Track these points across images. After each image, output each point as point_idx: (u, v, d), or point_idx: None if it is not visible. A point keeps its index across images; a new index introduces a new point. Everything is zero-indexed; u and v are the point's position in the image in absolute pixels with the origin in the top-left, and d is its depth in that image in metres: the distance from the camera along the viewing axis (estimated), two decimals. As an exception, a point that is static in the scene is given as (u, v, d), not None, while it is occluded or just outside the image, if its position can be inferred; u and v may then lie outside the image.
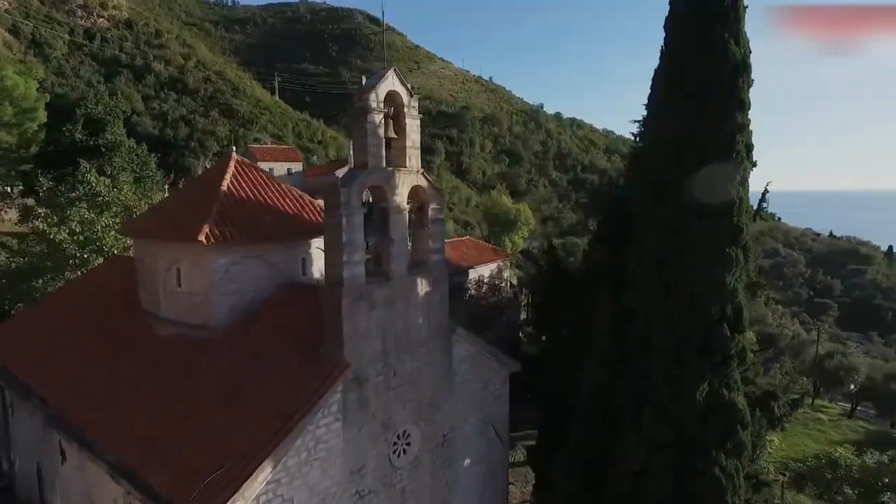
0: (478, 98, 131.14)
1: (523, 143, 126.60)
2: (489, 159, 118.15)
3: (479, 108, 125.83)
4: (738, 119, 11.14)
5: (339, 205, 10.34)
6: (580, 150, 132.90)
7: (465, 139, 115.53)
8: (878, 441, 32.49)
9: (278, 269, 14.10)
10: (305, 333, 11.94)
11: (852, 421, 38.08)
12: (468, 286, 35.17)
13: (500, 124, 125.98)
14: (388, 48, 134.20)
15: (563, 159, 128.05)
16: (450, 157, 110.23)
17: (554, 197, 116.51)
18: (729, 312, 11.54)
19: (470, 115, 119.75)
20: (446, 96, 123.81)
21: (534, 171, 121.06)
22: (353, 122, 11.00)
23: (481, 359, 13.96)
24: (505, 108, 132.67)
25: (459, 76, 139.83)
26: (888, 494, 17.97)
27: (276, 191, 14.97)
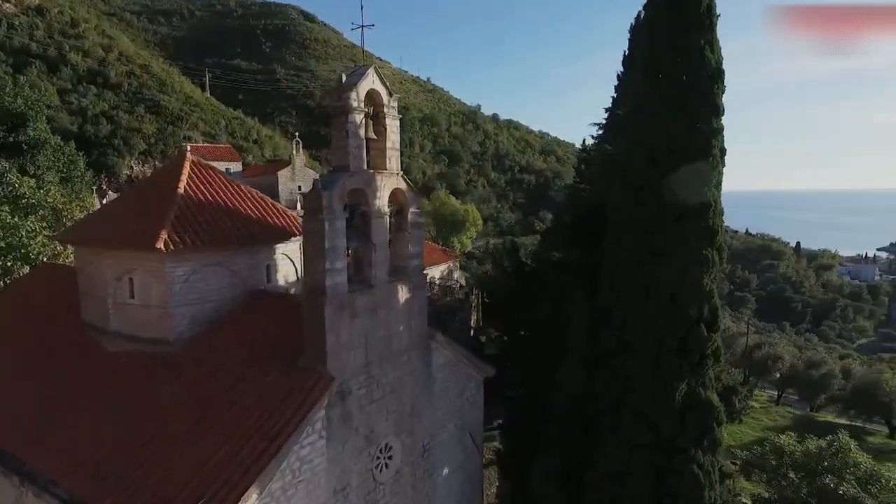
0: (416, 98, 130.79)
1: (462, 143, 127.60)
2: (429, 160, 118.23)
3: (418, 109, 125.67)
4: (713, 123, 11.43)
5: (321, 209, 9.74)
6: (517, 150, 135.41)
7: (405, 139, 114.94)
8: (805, 424, 34.87)
9: (242, 276, 13.23)
10: (279, 345, 11.23)
11: (780, 407, 40.72)
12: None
13: (439, 125, 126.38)
14: (325, 45, 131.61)
15: (500, 160, 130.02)
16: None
17: (493, 197, 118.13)
18: (706, 313, 11.83)
19: (409, 115, 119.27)
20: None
21: (473, 171, 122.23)
22: (333, 121, 10.41)
23: (458, 365, 13.67)
24: (443, 108, 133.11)
25: (398, 76, 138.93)
26: (829, 476, 19.12)
27: (236, 193, 14.05)
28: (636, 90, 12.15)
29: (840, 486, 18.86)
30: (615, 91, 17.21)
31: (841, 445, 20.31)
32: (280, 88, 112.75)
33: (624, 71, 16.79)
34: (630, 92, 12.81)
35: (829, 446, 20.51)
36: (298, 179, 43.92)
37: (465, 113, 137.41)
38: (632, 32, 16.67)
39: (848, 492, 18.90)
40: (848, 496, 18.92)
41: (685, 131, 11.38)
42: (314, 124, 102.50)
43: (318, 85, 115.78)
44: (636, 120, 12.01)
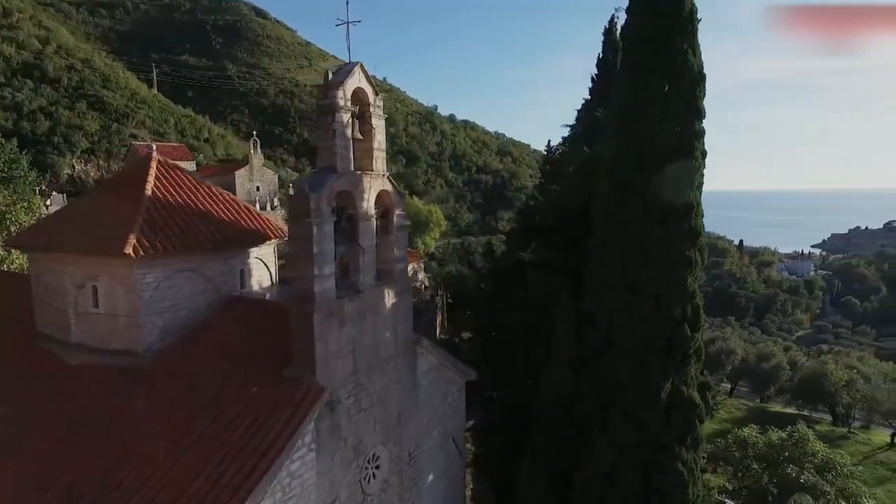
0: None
1: (419, 143, 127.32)
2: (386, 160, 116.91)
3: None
4: (696, 127, 11.62)
5: (309, 212, 9.32)
6: (474, 151, 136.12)
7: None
8: (758, 415, 36.31)
9: (216, 282, 12.61)
10: (260, 355, 10.72)
11: (734, 399, 42.31)
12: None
13: (396, 125, 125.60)
14: (278, 43, 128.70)
15: (458, 160, 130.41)
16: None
17: (450, 197, 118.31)
18: (689, 313, 12.02)
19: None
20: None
21: (430, 171, 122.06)
22: (319, 121, 10.00)
23: (442, 369, 13.44)
24: (400, 108, 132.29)
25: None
26: (790, 466, 19.93)
27: (207, 195, 13.38)
28: (620, 93, 12.22)
29: (801, 475, 19.68)
30: (589, 93, 17.37)
31: (801, 436, 21.21)
32: (232, 86, 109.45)
33: (598, 73, 16.96)
34: (613, 94, 12.86)
35: (789, 437, 21.39)
36: (256, 180, 42.57)
37: (422, 113, 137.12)
38: (605, 36, 16.87)
39: (808, 480, 19.73)
40: (808, 484, 19.75)
41: (670, 134, 11.53)
42: (268, 123, 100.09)
43: (272, 83, 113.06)
44: (621, 122, 12.07)
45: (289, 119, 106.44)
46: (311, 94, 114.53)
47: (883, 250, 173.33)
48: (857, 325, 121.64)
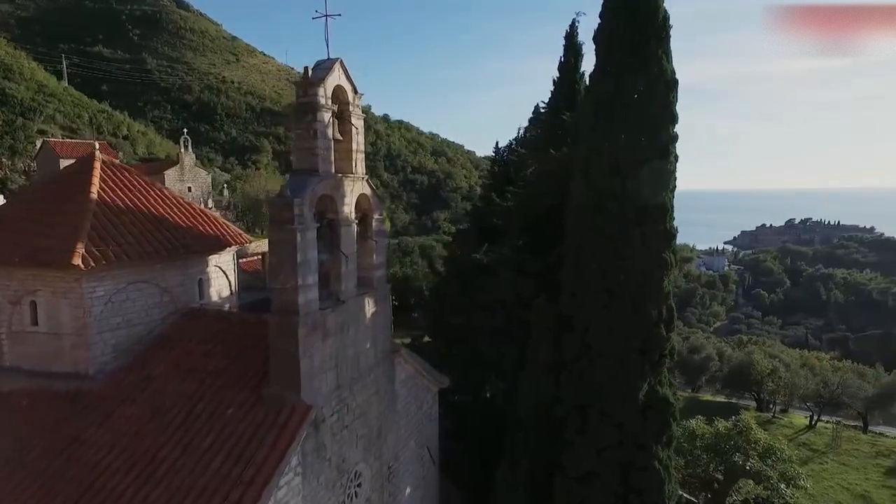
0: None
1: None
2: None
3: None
4: (671, 131, 11.83)
5: (293, 218, 8.65)
6: (409, 151, 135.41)
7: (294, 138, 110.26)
8: (694, 405, 38.20)
9: (173, 294, 11.58)
10: (229, 373, 9.90)
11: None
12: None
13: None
14: (202, 36, 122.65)
15: (392, 160, 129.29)
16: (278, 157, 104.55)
17: (386, 197, 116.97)
18: (664, 314, 12.24)
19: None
20: (270, 93, 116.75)
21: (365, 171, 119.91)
22: (298, 120, 9.32)
23: (417, 378, 13.02)
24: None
25: (284, 72, 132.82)
26: (737, 454, 20.98)
27: (158, 197, 12.28)
28: (594, 95, 12.26)
29: (747, 463, 20.75)
30: (551, 95, 17.44)
31: (744, 425, 22.38)
32: (152, 80, 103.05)
33: (560, 76, 17.05)
34: (585, 97, 12.88)
35: (734, 427, 22.51)
36: (188, 180, 40.00)
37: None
38: (566, 40, 16.99)
39: (753, 466, 20.84)
40: (753, 470, 20.86)
41: (647, 137, 11.67)
42: (193, 121, 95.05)
43: (196, 78, 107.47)
44: (596, 125, 12.10)
45: (215, 117, 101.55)
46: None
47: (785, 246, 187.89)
48: (765, 315, 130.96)
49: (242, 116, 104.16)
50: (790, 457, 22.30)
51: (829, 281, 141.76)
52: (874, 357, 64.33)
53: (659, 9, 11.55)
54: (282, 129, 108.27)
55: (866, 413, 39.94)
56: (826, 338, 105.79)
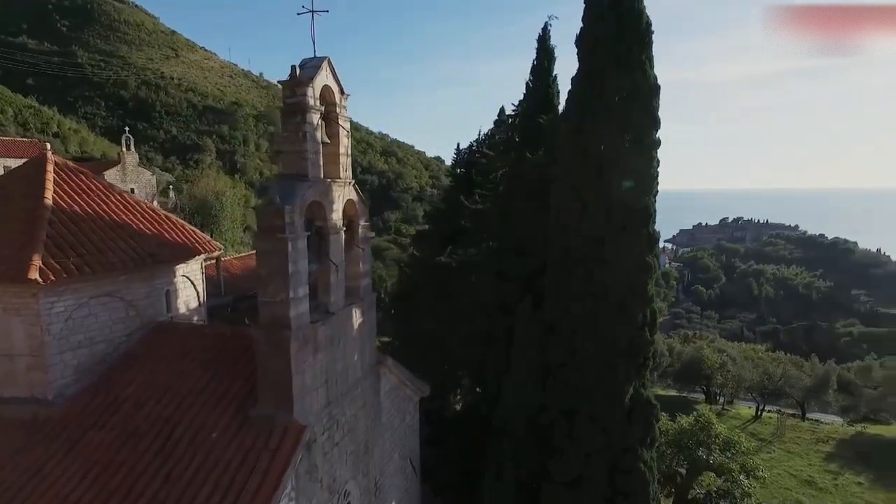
0: (249, 94, 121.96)
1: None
2: (266, 159, 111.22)
3: (252, 105, 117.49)
4: (654, 136, 11.93)
5: (284, 227, 8.09)
6: (359, 151, 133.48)
7: (238, 137, 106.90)
8: (648, 401, 39.34)
9: (139, 307, 10.73)
10: (208, 392, 9.22)
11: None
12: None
13: (276, 123, 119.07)
14: (137, 29, 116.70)
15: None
16: (221, 156, 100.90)
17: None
18: (648, 317, 12.34)
19: (242, 111, 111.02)
20: (213, 90, 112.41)
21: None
22: (286, 122, 8.75)
23: (401, 388, 12.61)
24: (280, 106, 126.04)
25: (227, 69, 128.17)
26: (701, 449, 21.61)
27: (119, 202, 11.36)
28: (577, 99, 12.22)
29: (710, 457, 21.41)
30: (524, 97, 17.36)
31: (706, 420, 23.10)
32: (84, 75, 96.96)
33: (533, 79, 16.99)
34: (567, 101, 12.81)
35: (696, 422, 23.20)
36: (130, 181, 37.64)
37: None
38: (539, 43, 16.95)
39: (716, 460, 21.52)
40: (716, 464, 21.55)
41: (630, 142, 11.71)
42: (130, 118, 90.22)
43: (133, 74, 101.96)
44: (580, 129, 12.07)
45: (154, 114, 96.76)
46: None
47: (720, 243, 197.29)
48: (704, 310, 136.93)
49: (183, 114, 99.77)
50: (748, 449, 23.21)
51: (760, 276, 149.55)
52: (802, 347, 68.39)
53: (642, 14, 11.62)
54: (226, 128, 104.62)
55: (804, 402, 42.35)
56: (758, 330, 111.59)
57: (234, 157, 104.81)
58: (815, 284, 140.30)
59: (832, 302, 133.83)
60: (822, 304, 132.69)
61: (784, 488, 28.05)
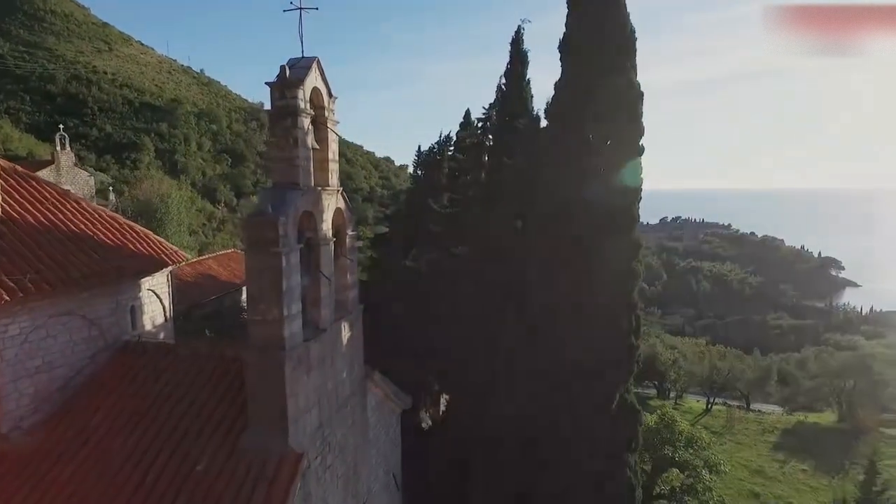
0: (189, 91, 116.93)
1: (246, 142, 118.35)
2: (209, 159, 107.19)
3: (192, 103, 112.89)
4: (639, 142, 11.96)
5: (277, 239, 7.51)
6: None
7: (179, 136, 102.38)
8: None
9: (102, 326, 9.82)
10: (188, 419, 8.50)
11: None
12: (243, 304, 31.37)
13: (219, 121, 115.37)
14: (66, 20, 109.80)
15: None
16: (161, 156, 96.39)
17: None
18: (633, 323, 12.38)
19: (182, 109, 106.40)
20: (150, 86, 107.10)
21: (259, 171, 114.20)
22: (275, 126, 8.15)
23: (385, 402, 12.13)
24: (222, 104, 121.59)
25: (165, 64, 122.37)
26: (667, 447, 22.13)
27: (76, 211, 10.37)
28: (562, 105, 12.11)
29: (675, 454, 21.96)
30: (499, 101, 17.18)
31: (670, 419, 23.68)
32: (6, 67, 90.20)
33: (507, 83, 16.83)
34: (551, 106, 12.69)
35: (661, 420, 23.75)
36: (66, 183, 35.04)
37: (248, 110, 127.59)
38: (512, 46, 16.82)
39: (681, 457, 22.09)
40: (681, 460, 22.11)
41: (616, 149, 11.71)
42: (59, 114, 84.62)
43: (62, 67, 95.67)
44: (565, 135, 11.96)
45: (86, 110, 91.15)
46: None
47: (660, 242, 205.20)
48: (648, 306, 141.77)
49: (118, 111, 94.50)
50: (709, 444, 23.98)
51: (698, 273, 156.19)
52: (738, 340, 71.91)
53: (627, 21, 11.63)
54: (165, 126, 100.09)
55: (748, 393, 44.43)
56: (698, 325, 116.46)
57: (174, 157, 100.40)
58: (747, 280, 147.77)
59: (763, 296, 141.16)
60: (754, 299, 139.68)
61: (738, 479, 29.20)
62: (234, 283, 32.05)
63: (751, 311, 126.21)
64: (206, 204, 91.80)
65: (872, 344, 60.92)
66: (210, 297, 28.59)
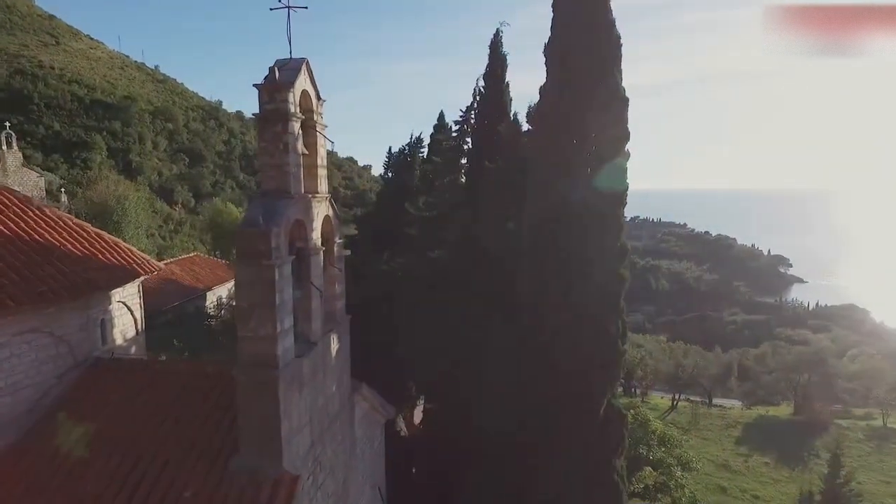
0: (143, 88, 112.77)
1: (204, 141, 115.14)
2: (165, 158, 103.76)
3: (147, 100, 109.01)
4: (625, 148, 11.97)
5: (270, 252, 7.10)
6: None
7: (133, 134, 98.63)
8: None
9: (71, 343, 9.17)
10: (170, 442, 7.99)
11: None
12: (208, 310, 30.38)
13: (176, 120, 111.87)
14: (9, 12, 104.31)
15: (249, 160, 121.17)
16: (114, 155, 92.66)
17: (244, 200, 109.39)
18: (620, 328, 12.39)
19: (137, 107, 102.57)
20: (102, 82, 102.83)
21: (218, 171, 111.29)
22: (264, 131, 7.71)
23: (371, 414, 11.79)
24: (178, 102, 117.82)
25: (117, 60, 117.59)
26: (641, 446, 22.45)
27: (39, 219, 9.66)
28: (549, 109, 12.02)
29: (650, 453, 22.29)
30: (478, 104, 17.01)
31: (643, 418, 24.05)
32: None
33: (486, 86, 16.69)
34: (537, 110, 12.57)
35: (634, 420, 24.07)
36: (13, 184, 33.05)
37: (206, 108, 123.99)
38: (491, 48, 16.70)
39: (655, 455, 22.44)
40: (655, 458, 22.47)
41: (604, 154, 11.68)
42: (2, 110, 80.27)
43: (4, 61, 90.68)
44: (552, 140, 11.87)
45: (32, 107, 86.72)
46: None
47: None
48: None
49: (67, 108, 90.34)
50: (680, 441, 24.47)
51: (657, 271, 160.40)
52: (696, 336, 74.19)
53: (613, 26, 11.61)
54: (118, 124, 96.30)
55: (711, 389, 45.76)
56: (657, 322, 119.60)
57: (128, 156, 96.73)
58: (703, 278, 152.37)
59: (718, 293, 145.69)
60: (710, 296, 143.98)
61: (705, 474, 29.90)
62: (198, 288, 30.99)
63: (707, 307, 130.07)
64: (163, 205, 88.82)
65: (819, 337, 63.83)
66: (173, 304, 27.51)
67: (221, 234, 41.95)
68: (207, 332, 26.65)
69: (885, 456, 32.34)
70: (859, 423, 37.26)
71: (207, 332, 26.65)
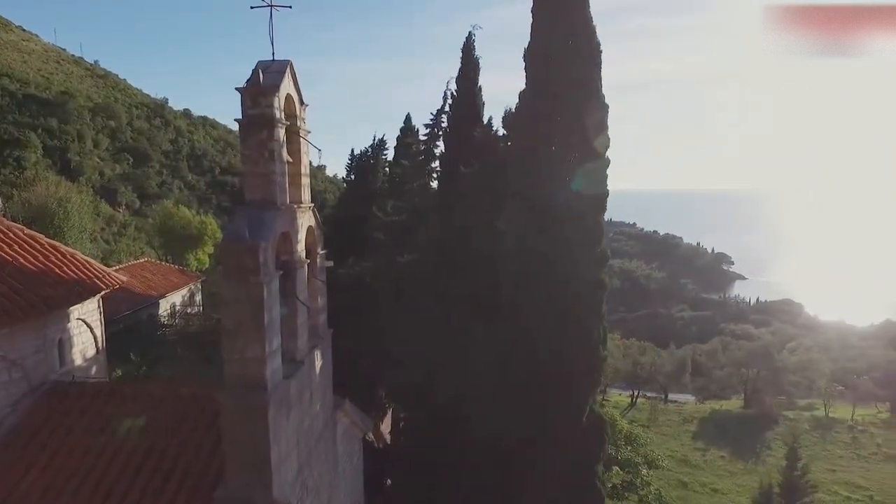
0: (82, 84, 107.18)
1: (149, 140, 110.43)
2: (107, 158, 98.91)
3: (87, 96, 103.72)
4: (605, 154, 11.97)
5: (258, 268, 6.62)
6: (217, 151, 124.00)
7: (72, 132, 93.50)
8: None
9: (25, 367, 8.39)
10: (148, 474, 7.39)
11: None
12: (162, 318, 29.01)
13: (118, 118, 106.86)
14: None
15: (198, 160, 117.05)
16: (50, 154, 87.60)
17: (193, 200, 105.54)
18: (601, 333, 12.40)
19: (75, 103, 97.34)
20: (36, 77, 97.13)
21: (165, 171, 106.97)
22: (247, 138, 7.21)
23: (351, 429, 11.36)
24: (121, 99, 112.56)
25: (53, 54, 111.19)
26: (609, 446, 22.72)
27: (-12, 233, 8.79)
28: (528, 116, 11.89)
29: (618, 453, 22.62)
30: (450, 108, 16.75)
31: (610, 418, 24.39)
32: None
33: (458, 89, 16.44)
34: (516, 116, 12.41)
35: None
36: (-60, 186, 30.44)
37: (151, 106, 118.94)
38: (463, 52, 16.47)
39: (623, 455, 22.80)
40: (623, 458, 22.83)
41: (585, 160, 11.65)
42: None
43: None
44: (534, 146, 11.76)
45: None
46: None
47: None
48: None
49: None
50: (646, 440, 24.95)
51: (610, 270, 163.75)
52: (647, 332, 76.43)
53: (594, 33, 11.58)
54: (55, 122, 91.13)
55: (667, 385, 47.10)
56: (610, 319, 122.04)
57: (67, 156, 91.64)
58: (653, 276, 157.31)
59: (666, 291, 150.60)
60: (659, 293, 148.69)
61: (667, 470, 30.66)
62: (151, 296, 29.49)
63: (657, 305, 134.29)
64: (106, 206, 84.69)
65: (761, 331, 66.86)
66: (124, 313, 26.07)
67: (173, 239, 40.12)
68: (163, 342, 25.38)
69: (829, 445, 34.05)
70: (804, 414, 39.07)
71: (163, 342, 25.38)
